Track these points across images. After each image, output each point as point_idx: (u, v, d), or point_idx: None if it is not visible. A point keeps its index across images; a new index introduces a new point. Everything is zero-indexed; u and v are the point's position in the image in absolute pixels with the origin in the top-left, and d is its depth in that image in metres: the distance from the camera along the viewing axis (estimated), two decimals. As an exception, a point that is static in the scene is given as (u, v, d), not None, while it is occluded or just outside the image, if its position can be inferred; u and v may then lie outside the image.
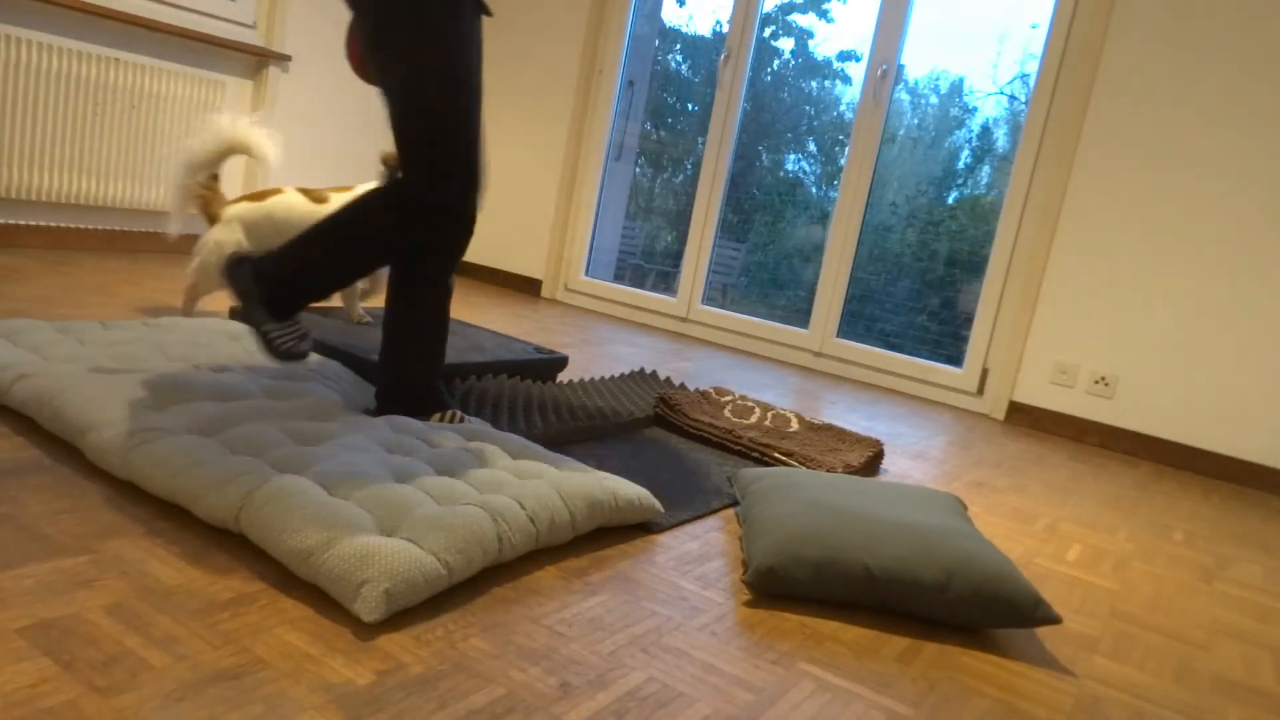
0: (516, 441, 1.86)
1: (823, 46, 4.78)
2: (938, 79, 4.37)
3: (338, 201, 2.67)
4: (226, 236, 2.55)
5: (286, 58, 4.00)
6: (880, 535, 1.57)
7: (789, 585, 1.53)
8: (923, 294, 4.53)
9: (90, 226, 3.57)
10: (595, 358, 3.38)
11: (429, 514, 1.38)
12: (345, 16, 4.29)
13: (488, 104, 4.91)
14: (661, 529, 1.76)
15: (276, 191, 2.64)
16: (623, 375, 2.98)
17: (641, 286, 4.82)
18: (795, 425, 2.62)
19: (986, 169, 4.37)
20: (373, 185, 2.53)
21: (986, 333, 3.77)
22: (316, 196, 2.66)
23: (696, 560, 1.65)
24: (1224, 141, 3.26)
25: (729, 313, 4.40)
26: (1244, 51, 3.22)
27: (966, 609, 1.50)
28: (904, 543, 1.56)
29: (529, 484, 1.59)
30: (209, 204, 2.58)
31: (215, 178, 2.61)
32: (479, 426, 1.94)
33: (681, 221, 4.94)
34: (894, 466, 2.61)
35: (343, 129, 4.42)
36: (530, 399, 2.45)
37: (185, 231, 3.46)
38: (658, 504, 1.77)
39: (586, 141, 4.67)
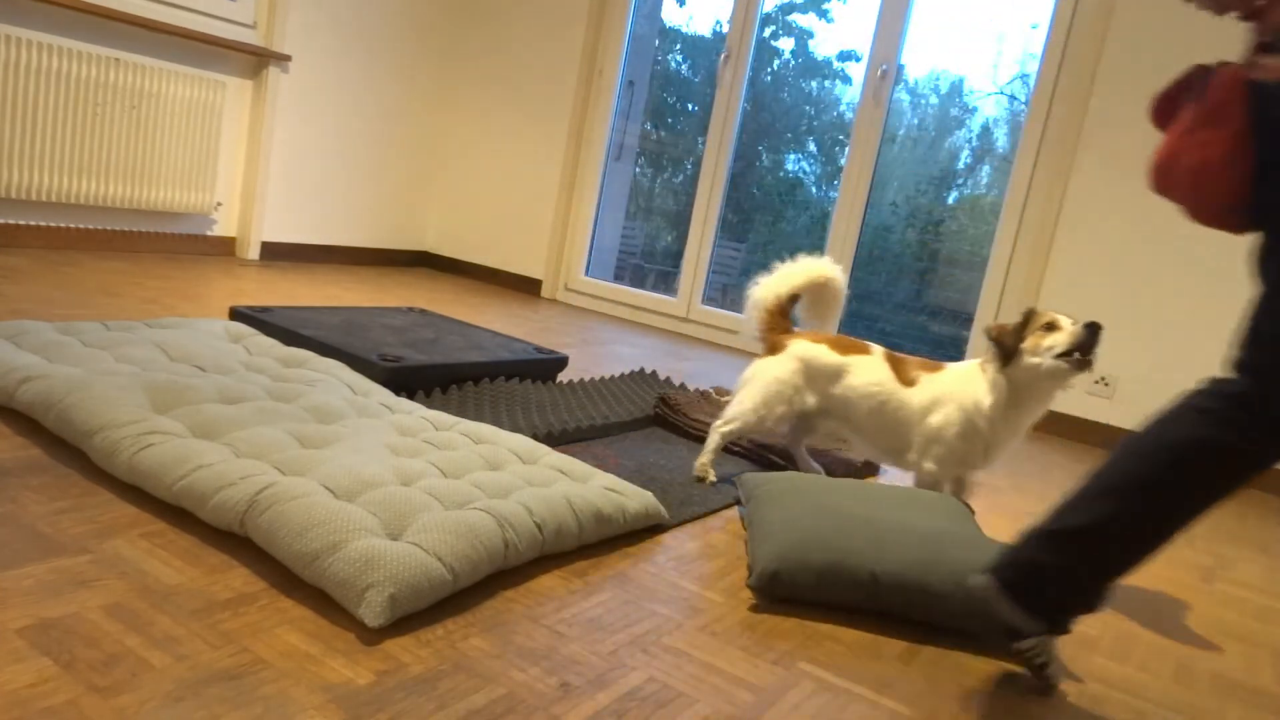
0: (527, 445, 1.86)
1: (823, 46, 4.78)
2: (937, 79, 4.38)
3: (928, 392, 2.01)
4: (783, 372, 2.13)
5: (286, 58, 4.00)
6: (886, 541, 1.56)
7: (794, 590, 1.52)
8: (923, 294, 4.53)
9: (90, 226, 3.57)
10: (595, 358, 3.38)
11: (435, 518, 1.38)
12: (345, 16, 4.28)
13: (488, 103, 4.90)
14: (662, 529, 1.76)
15: (860, 349, 2.12)
16: (623, 375, 2.98)
17: (641, 286, 4.82)
18: (795, 425, 2.61)
19: (986, 169, 4.37)
20: (970, 363, 2.02)
21: (986, 333, 3.76)
22: (906, 378, 2.05)
23: (697, 560, 1.65)
24: (1224, 141, 3.25)
25: (729, 313, 4.39)
26: (1243, 50, 3.22)
27: (970, 619, 1.49)
28: (910, 550, 1.55)
29: (539, 491, 1.59)
30: (769, 327, 2.22)
31: (793, 300, 2.24)
32: (489, 429, 1.94)
33: (681, 221, 4.94)
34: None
35: (342, 129, 4.42)
36: (530, 399, 2.45)
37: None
38: (664, 511, 1.78)
39: (586, 141, 4.67)
